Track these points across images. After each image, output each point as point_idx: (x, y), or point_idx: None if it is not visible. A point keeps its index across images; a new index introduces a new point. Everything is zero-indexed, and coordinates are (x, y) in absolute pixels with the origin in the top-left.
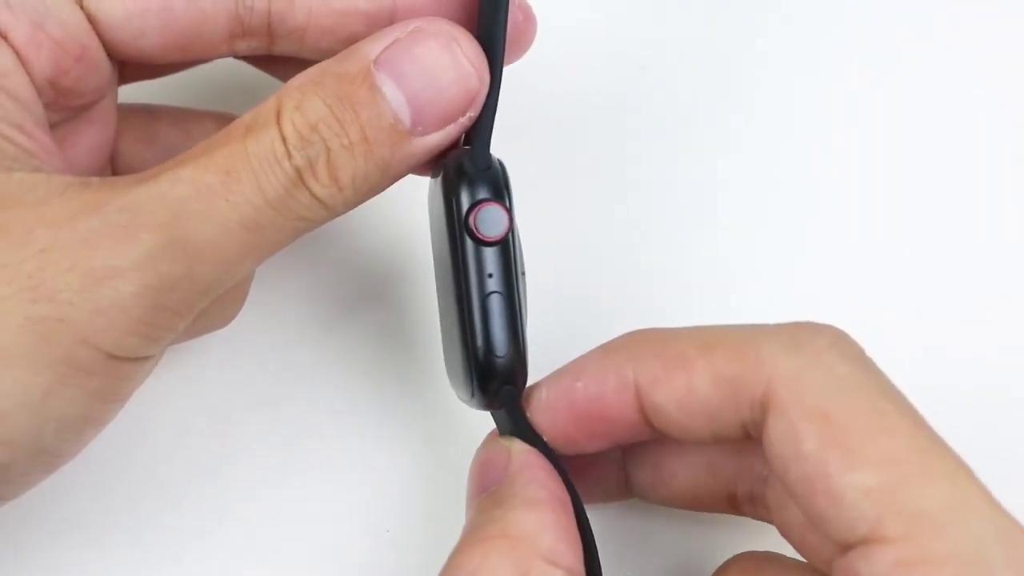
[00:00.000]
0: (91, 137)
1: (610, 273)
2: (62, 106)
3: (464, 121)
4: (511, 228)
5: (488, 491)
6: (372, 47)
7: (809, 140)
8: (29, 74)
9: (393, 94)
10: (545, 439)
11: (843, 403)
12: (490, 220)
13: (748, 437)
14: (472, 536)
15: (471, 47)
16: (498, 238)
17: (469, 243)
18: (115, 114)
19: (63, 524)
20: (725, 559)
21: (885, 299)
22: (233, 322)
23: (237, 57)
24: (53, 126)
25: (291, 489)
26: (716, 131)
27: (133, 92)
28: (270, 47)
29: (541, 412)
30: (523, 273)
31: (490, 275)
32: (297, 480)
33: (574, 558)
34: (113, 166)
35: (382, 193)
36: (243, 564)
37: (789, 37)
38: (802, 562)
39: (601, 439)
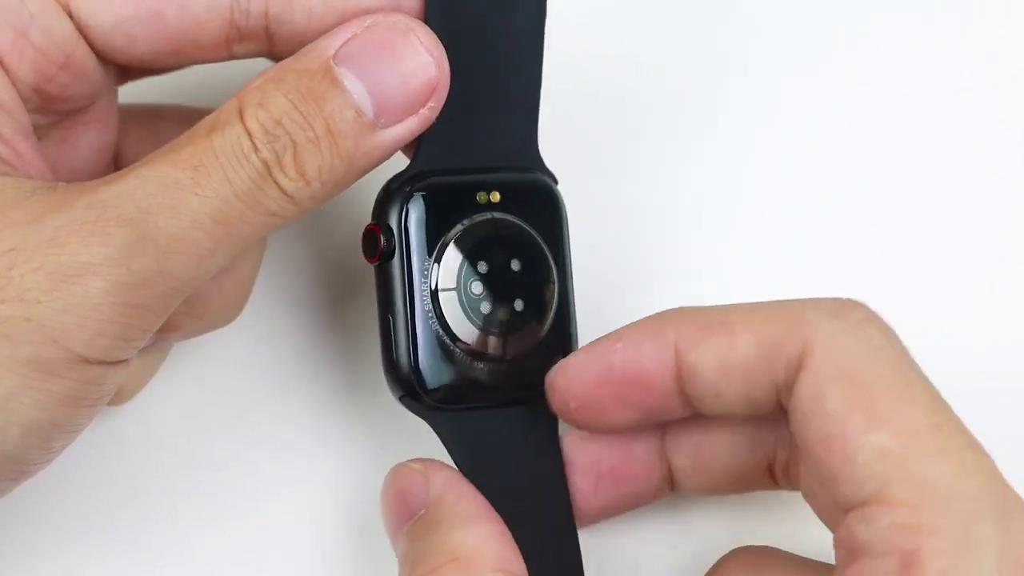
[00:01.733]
0: (91, 139)
1: (609, 272)
2: (51, 111)
3: (426, 112)
4: (383, 253)
5: (414, 518)
6: (330, 43)
7: (810, 137)
8: (12, 82)
9: (354, 86)
10: (573, 405)
11: (873, 369)
12: (368, 243)
13: (776, 408)
14: (422, 567)
15: (429, 38)
16: (372, 260)
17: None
18: (116, 116)
19: (61, 524)
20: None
21: (912, 290)
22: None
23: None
24: (47, 129)
25: (290, 488)
26: (715, 131)
27: (138, 86)
28: (270, 50)
29: (575, 374)
30: (436, 289)
31: (378, 292)
32: (296, 479)
33: (519, 563)
34: (116, 167)
35: None
36: (242, 563)
37: (791, 36)
38: (797, 556)
39: (630, 409)
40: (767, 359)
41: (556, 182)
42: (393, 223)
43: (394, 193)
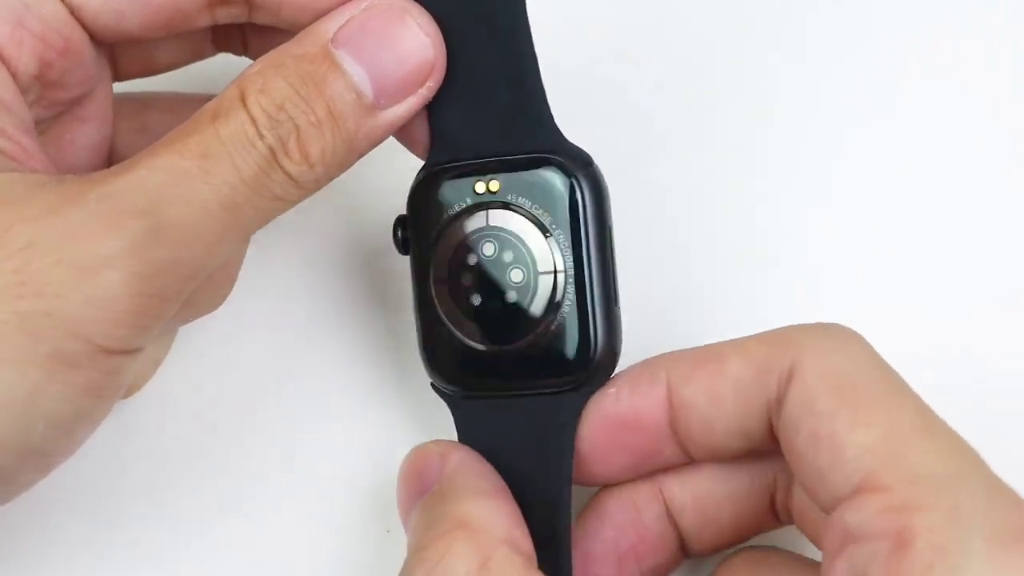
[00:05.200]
0: (88, 136)
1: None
2: (51, 101)
3: (424, 92)
4: (404, 242)
5: (429, 493)
6: (328, 26)
7: (821, 136)
8: (13, 73)
9: (353, 69)
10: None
11: (860, 375)
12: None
13: (769, 432)
14: (431, 531)
15: (425, 18)
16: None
17: None
18: (111, 112)
19: (58, 523)
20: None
21: (913, 296)
22: (227, 312)
23: (237, 51)
24: (47, 124)
25: (290, 487)
26: (716, 127)
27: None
28: (250, 15)
29: (582, 425)
30: (433, 280)
31: None
32: (296, 479)
33: (528, 544)
34: (109, 160)
35: (387, 178)
36: (241, 562)
37: (793, 37)
38: (804, 557)
39: (624, 452)
40: (758, 379)
41: (586, 164)
42: (413, 216)
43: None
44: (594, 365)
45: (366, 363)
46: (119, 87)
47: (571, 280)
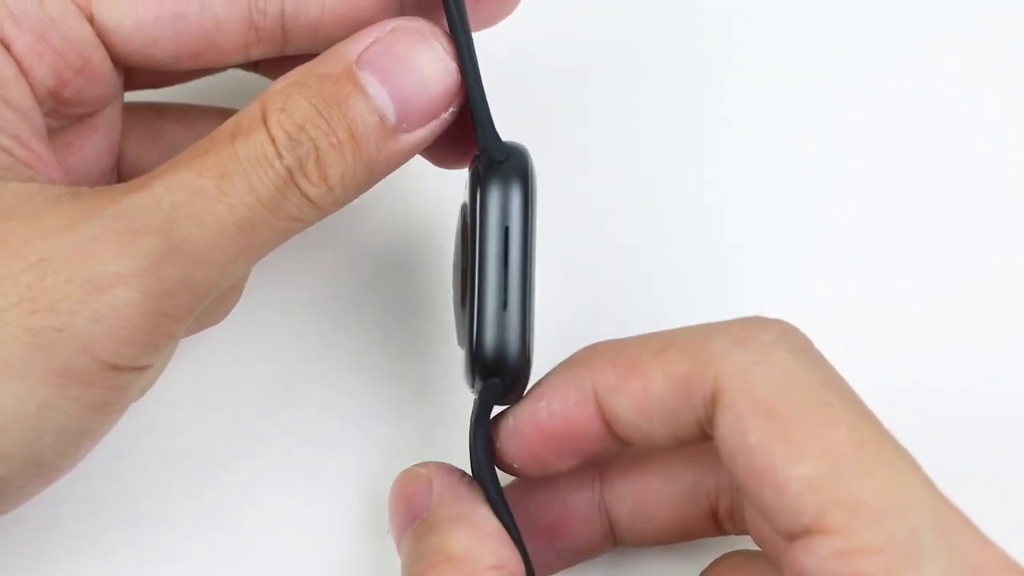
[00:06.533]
0: (97, 143)
1: (588, 272)
2: (63, 114)
3: (447, 117)
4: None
5: (419, 519)
6: (352, 47)
7: (800, 135)
8: (30, 84)
9: (377, 92)
10: (517, 465)
11: (788, 396)
12: None
13: (706, 437)
14: (419, 564)
15: (450, 44)
16: None
17: None
18: (120, 120)
19: (59, 526)
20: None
21: (883, 298)
22: (231, 319)
23: (247, 66)
24: (55, 132)
25: (290, 489)
26: (701, 124)
27: (133, 94)
28: (283, 49)
29: (509, 439)
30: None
31: None
32: (296, 480)
33: (517, 561)
34: (118, 167)
35: (389, 183)
36: (241, 564)
37: (779, 31)
38: None
39: (571, 456)
40: (683, 399)
41: (496, 161)
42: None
43: None
44: (479, 368)
45: (366, 365)
46: (128, 95)
47: (469, 280)
